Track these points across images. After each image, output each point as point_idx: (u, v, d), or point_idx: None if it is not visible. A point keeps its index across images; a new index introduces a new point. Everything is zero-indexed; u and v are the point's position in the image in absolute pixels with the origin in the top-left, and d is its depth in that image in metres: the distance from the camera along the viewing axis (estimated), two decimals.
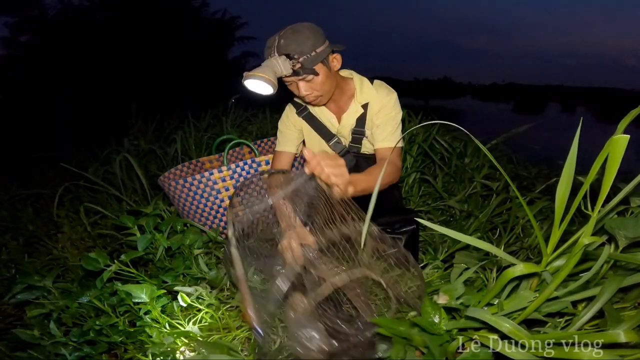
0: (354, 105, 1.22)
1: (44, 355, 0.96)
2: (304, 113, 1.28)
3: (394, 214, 1.32)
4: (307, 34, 1.02)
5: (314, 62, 1.03)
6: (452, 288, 0.69)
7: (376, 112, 1.20)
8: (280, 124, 1.32)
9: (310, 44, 1.02)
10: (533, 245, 1.42)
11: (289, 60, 1.01)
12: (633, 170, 0.57)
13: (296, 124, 1.30)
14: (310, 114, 1.28)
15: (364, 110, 1.21)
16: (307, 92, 1.09)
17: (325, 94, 1.12)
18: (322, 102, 1.16)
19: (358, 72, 1.25)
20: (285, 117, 1.31)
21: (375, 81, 1.23)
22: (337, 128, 1.27)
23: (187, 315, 1.03)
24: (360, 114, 1.22)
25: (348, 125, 1.24)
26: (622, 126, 0.50)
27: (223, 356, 0.65)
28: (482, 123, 12.51)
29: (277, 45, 1.01)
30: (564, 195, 0.58)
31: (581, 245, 0.54)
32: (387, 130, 1.18)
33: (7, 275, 1.39)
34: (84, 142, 3.29)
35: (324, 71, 1.07)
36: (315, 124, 1.27)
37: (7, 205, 2.31)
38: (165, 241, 1.17)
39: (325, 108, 1.26)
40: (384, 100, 1.18)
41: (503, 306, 0.63)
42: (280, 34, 1.02)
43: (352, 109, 1.22)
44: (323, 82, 1.09)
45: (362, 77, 1.23)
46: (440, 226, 0.60)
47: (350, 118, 1.23)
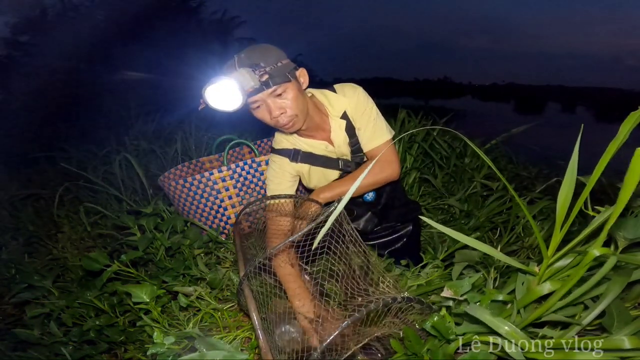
0: (333, 121, 1.11)
1: (44, 355, 0.96)
2: (299, 156, 1.13)
3: (402, 207, 1.35)
4: (269, 47, 0.95)
5: (281, 72, 0.93)
6: (458, 284, 0.69)
7: (353, 115, 1.12)
8: (272, 176, 1.16)
9: (275, 55, 0.94)
10: (534, 245, 1.42)
11: (254, 72, 0.89)
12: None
13: (292, 172, 1.15)
14: (305, 154, 1.14)
15: (346, 120, 1.12)
16: (280, 111, 0.96)
17: (300, 113, 0.99)
18: (297, 126, 1.02)
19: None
20: (279, 169, 1.15)
21: (335, 87, 1.13)
22: (335, 151, 1.16)
23: (187, 315, 1.03)
24: (345, 124, 1.12)
25: (341, 142, 1.13)
26: (625, 129, 0.50)
27: (222, 353, 0.65)
28: (482, 123, 12.51)
29: (238, 60, 0.91)
30: (565, 200, 0.57)
31: (592, 257, 0.53)
32: (370, 130, 1.11)
33: (7, 275, 1.39)
34: (84, 142, 3.29)
35: (295, 85, 0.97)
36: (315, 160, 1.14)
37: (7, 205, 2.31)
38: (166, 241, 1.17)
39: (313, 140, 1.14)
40: (353, 99, 1.10)
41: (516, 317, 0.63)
42: (237, 54, 0.93)
43: (335, 125, 1.12)
44: (296, 97, 0.97)
45: (320, 89, 1.14)
46: (440, 225, 0.60)
47: (339, 135, 1.13)
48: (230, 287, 1.12)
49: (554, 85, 53.66)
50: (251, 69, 0.89)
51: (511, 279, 0.73)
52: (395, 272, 1.11)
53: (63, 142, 3.26)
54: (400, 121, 2.29)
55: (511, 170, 2.42)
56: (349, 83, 1.14)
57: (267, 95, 0.94)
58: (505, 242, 1.53)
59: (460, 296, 0.68)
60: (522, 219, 1.53)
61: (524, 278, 0.68)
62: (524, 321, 0.63)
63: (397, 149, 0.72)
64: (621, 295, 0.63)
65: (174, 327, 0.97)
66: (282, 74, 0.93)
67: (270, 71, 0.91)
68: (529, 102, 37.89)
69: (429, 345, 0.66)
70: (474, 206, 1.79)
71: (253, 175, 1.42)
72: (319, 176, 1.18)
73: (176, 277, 1.09)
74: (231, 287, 1.11)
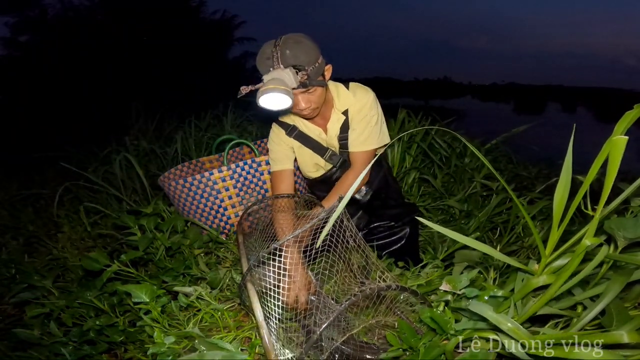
0: (335, 114, 1.19)
1: (44, 355, 0.96)
2: (294, 133, 1.23)
3: (398, 208, 1.36)
4: (310, 44, 0.97)
5: (318, 73, 0.99)
6: (457, 279, 0.70)
7: (354, 115, 1.18)
8: (271, 144, 1.27)
9: (314, 54, 0.97)
10: (534, 244, 1.42)
11: (297, 73, 0.94)
12: (632, 170, 0.57)
13: (287, 142, 1.26)
14: (301, 133, 1.24)
15: (345, 117, 1.19)
16: (307, 105, 1.03)
17: (320, 105, 1.09)
18: (315, 115, 1.12)
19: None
20: (275, 137, 1.26)
21: (350, 84, 1.19)
22: (327, 140, 1.24)
23: (187, 315, 1.03)
24: (343, 120, 1.19)
25: (333, 134, 1.21)
26: (620, 128, 0.50)
27: (222, 353, 0.66)
28: (482, 123, 12.51)
29: (281, 56, 0.94)
30: (562, 197, 0.58)
31: (584, 246, 0.54)
32: (364, 135, 1.17)
33: (7, 275, 1.39)
34: (84, 142, 3.29)
35: (323, 82, 1.03)
36: (307, 141, 1.24)
37: (7, 205, 2.31)
38: (166, 241, 1.17)
39: (310, 123, 1.23)
40: (361, 102, 1.16)
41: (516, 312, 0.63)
42: (279, 45, 0.95)
43: (334, 118, 1.19)
44: (321, 94, 1.05)
45: (337, 82, 1.19)
46: (440, 226, 0.60)
47: (334, 127, 1.20)
48: (230, 287, 1.12)
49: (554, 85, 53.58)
50: (296, 70, 0.94)
51: (510, 278, 0.73)
52: (395, 272, 1.11)
53: (63, 142, 3.25)
54: (400, 121, 2.29)
55: (511, 170, 2.42)
56: (364, 86, 1.19)
57: (300, 91, 1.00)
58: (505, 243, 1.53)
59: (458, 291, 0.68)
60: (522, 219, 1.53)
61: (523, 277, 0.69)
62: (522, 316, 0.63)
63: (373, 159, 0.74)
64: (621, 295, 0.63)
65: (174, 327, 0.97)
66: (318, 74, 1.00)
67: (309, 73, 0.97)
68: (529, 102, 37.89)
69: (427, 338, 0.66)
70: (474, 206, 1.79)
71: (253, 175, 1.42)
72: (307, 158, 1.27)
73: (176, 277, 1.09)
74: (231, 287, 1.11)
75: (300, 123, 1.23)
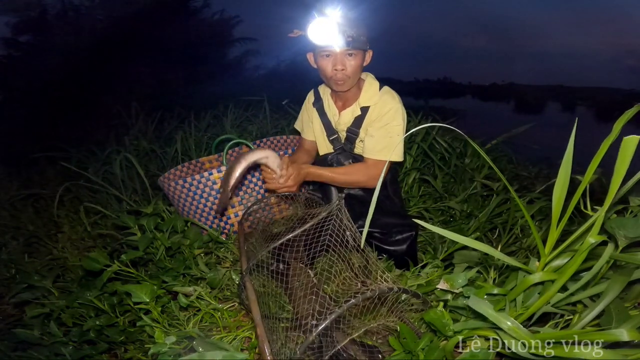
0: (355, 105, 1.24)
1: (44, 355, 0.96)
2: (318, 104, 1.33)
3: (394, 218, 1.32)
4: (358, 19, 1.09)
5: (362, 42, 1.09)
6: (454, 277, 0.69)
7: (373, 120, 1.19)
8: (302, 110, 1.43)
9: (362, 28, 1.09)
10: (532, 245, 1.42)
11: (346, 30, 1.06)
12: (632, 170, 0.57)
13: (310, 112, 1.37)
14: (322, 107, 1.33)
15: (362, 113, 1.21)
16: (342, 66, 1.11)
17: (353, 78, 1.16)
18: (345, 87, 1.18)
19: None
20: (307, 102, 1.40)
21: (385, 87, 1.23)
22: (337, 125, 1.29)
23: (187, 315, 1.03)
24: (357, 115, 1.22)
25: (344, 122, 1.26)
26: (618, 127, 0.50)
27: (222, 353, 0.66)
28: (482, 123, 12.49)
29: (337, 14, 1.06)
30: (560, 196, 0.57)
31: (587, 244, 0.54)
32: (381, 144, 1.17)
33: (7, 275, 1.39)
34: (84, 142, 3.29)
35: (362, 57, 1.13)
36: (323, 117, 1.32)
37: (7, 205, 2.31)
38: (166, 241, 1.17)
39: (333, 103, 1.30)
40: (383, 109, 1.17)
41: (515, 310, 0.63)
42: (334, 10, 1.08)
43: (351, 108, 1.24)
44: (358, 66, 1.13)
45: (376, 81, 1.25)
46: (439, 227, 0.60)
47: (347, 115, 1.25)
48: (230, 287, 1.12)
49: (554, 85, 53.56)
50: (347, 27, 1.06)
51: (510, 278, 0.73)
52: (395, 273, 1.11)
53: (63, 142, 3.25)
54: None
55: (511, 170, 2.42)
56: (397, 95, 1.22)
57: (342, 51, 1.10)
58: (504, 243, 1.53)
59: (456, 289, 0.68)
60: (521, 220, 1.53)
61: (522, 276, 0.68)
62: (523, 315, 0.63)
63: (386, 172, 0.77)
64: (621, 295, 0.63)
65: (174, 327, 0.97)
66: (362, 43, 1.10)
67: (355, 36, 1.07)
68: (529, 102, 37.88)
69: (425, 342, 0.66)
70: (474, 207, 1.79)
71: (252, 175, 1.42)
72: (318, 132, 1.35)
73: (176, 277, 1.09)
74: (231, 286, 1.11)
75: (327, 99, 1.32)
